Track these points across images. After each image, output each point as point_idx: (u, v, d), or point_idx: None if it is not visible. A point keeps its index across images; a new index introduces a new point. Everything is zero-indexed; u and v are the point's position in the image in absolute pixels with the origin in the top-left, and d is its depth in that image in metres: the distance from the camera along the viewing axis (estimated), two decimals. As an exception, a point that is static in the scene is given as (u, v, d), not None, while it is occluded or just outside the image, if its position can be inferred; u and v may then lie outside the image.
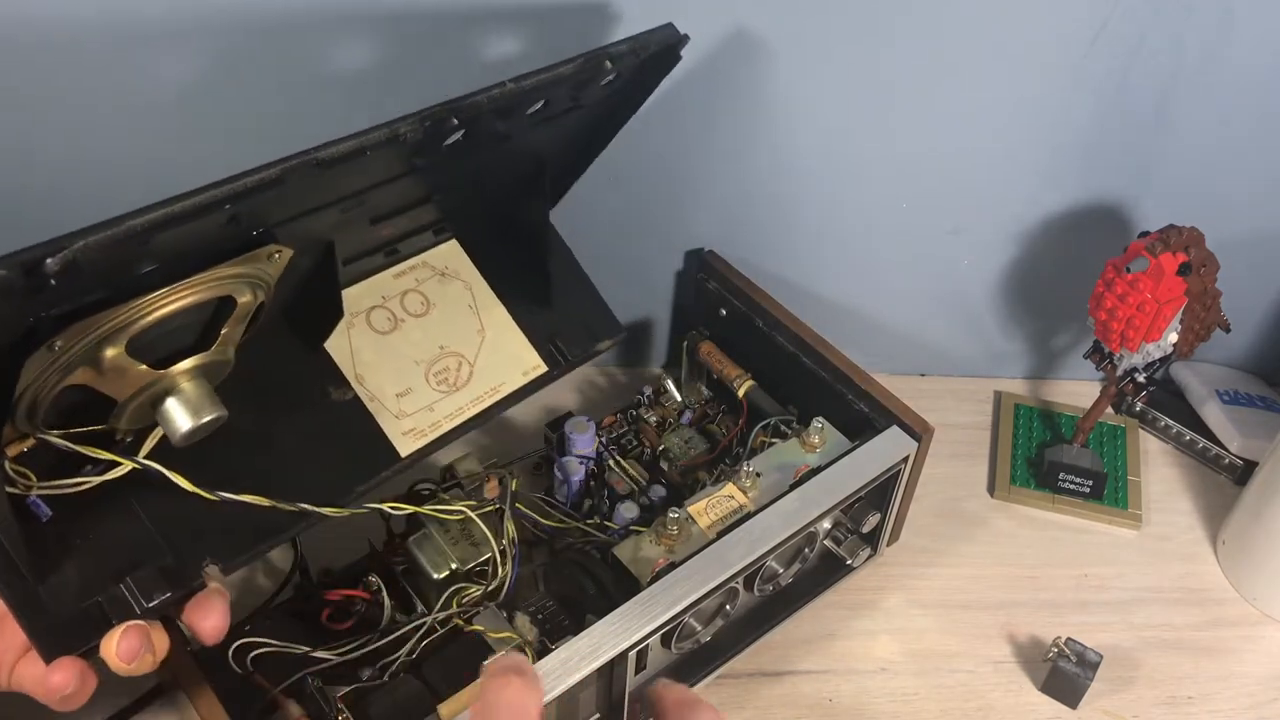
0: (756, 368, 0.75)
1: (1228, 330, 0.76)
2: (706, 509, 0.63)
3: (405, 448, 0.62)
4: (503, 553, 0.61)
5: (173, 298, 0.48)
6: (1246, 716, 0.69)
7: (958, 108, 0.75)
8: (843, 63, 0.72)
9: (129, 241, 0.43)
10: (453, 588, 0.61)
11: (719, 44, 0.71)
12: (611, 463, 0.72)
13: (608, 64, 0.58)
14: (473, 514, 0.61)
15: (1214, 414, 0.85)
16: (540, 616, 0.61)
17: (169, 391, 0.51)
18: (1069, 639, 0.68)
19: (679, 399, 0.78)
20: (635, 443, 0.75)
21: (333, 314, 0.61)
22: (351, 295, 0.64)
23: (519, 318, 0.69)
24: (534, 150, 0.66)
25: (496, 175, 0.66)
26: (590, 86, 0.60)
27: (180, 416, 0.51)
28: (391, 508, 0.61)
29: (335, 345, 0.62)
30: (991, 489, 0.82)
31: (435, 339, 0.66)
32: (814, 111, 0.74)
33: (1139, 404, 0.79)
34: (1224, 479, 0.84)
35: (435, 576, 0.61)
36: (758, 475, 0.65)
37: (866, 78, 0.73)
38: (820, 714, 0.67)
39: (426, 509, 0.61)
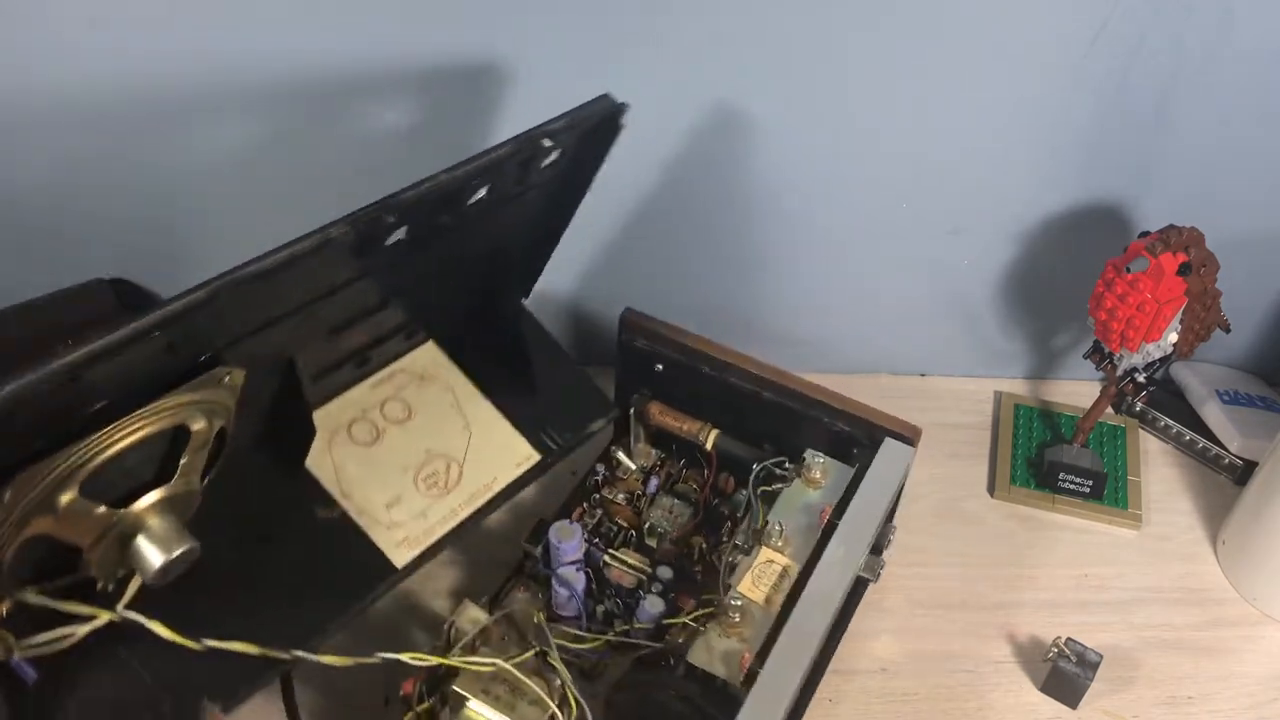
0: (714, 415, 0.71)
1: (1228, 330, 0.76)
2: (754, 583, 0.60)
3: (400, 558, 0.60)
4: (562, 700, 0.55)
5: (122, 434, 0.46)
6: (1246, 716, 0.69)
7: (958, 108, 0.75)
8: (843, 63, 0.72)
9: (58, 383, 0.41)
10: None
11: (718, 46, 0.71)
12: (606, 558, 0.67)
13: (546, 142, 0.57)
14: (506, 664, 0.56)
15: (1214, 414, 0.85)
16: None
17: (134, 531, 0.49)
18: (1069, 639, 0.68)
19: (634, 468, 0.73)
20: (615, 528, 0.70)
21: (305, 434, 0.59)
22: (328, 412, 0.62)
23: (506, 410, 0.67)
24: (493, 238, 0.64)
25: (460, 269, 0.65)
26: (533, 167, 0.59)
27: (149, 555, 0.49)
28: (413, 658, 0.55)
29: (317, 464, 0.61)
30: (991, 489, 0.82)
31: (421, 443, 0.64)
32: (814, 111, 0.74)
33: (1139, 404, 0.79)
34: (1224, 479, 0.84)
35: None
36: (782, 529, 0.62)
37: (867, 78, 0.73)
38: (820, 714, 0.66)
39: (455, 660, 0.56)
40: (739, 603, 0.58)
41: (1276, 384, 0.91)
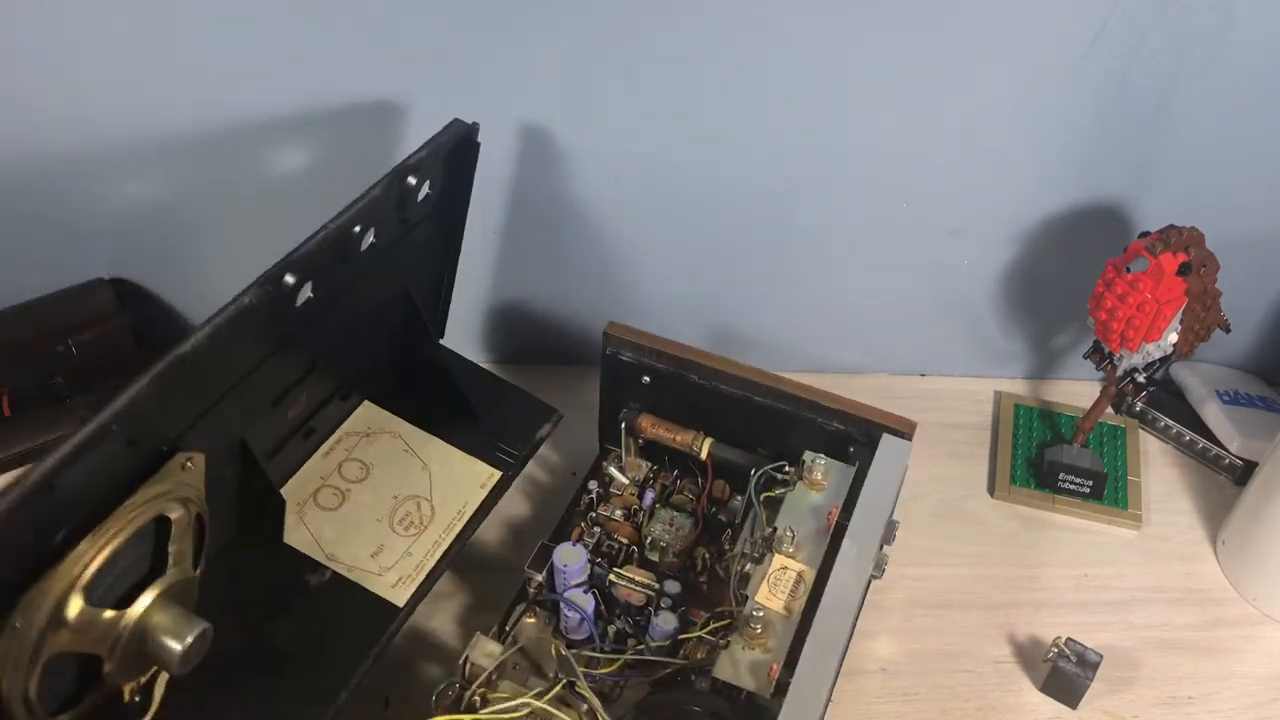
0: (707, 423, 0.70)
1: (1228, 330, 0.76)
2: (771, 591, 0.59)
3: (400, 597, 0.63)
4: None
5: (109, 536, 0.48)
6: (1246, 716, 0.69)
7: (958, 108, 0.75)
8: (843, 63, 0.72)
9: (38, 494, 0.43)
10: None
11: (718, 47, 0.71)
12: (612, 577, 0.65)
13: (412, 180, 0.60)
14: (539, 702, 0.55)
15: (1214, 414, 0.85)
16: None
17: (146, 626, 0.50)
18: (1069, 639, 0.68)
19: (627, 482, 0.72)
20: (617, 546, 0.69)
21: (276, 510, 0.62)
22: (292, 487, 0.66)
23: (456, 441, 0.71)
24: (394, 283, 0.67)
25: (373, 321, 0.67)
26: (409, 204, 0.62)
27: (168, 644, 0.50)
28: None
29: (296, 537, 0.64)
30: (991, 489, 0.82)
31: (387, 492, 0.67)
32: (814, 111, 0.74)
33: (1139, 404, 0.79)
34: (1224, 479, 0.84)
35: None
36: (794, 535, 0.61)
37: (867, 78, 0.73)
38: (820, 714, 0.66)
39: (487, 715, 0.56)
40: (760, 613, 0.57)
41: (1276, 384, 0.91)
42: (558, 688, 0.56)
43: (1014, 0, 0.69)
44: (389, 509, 0.66)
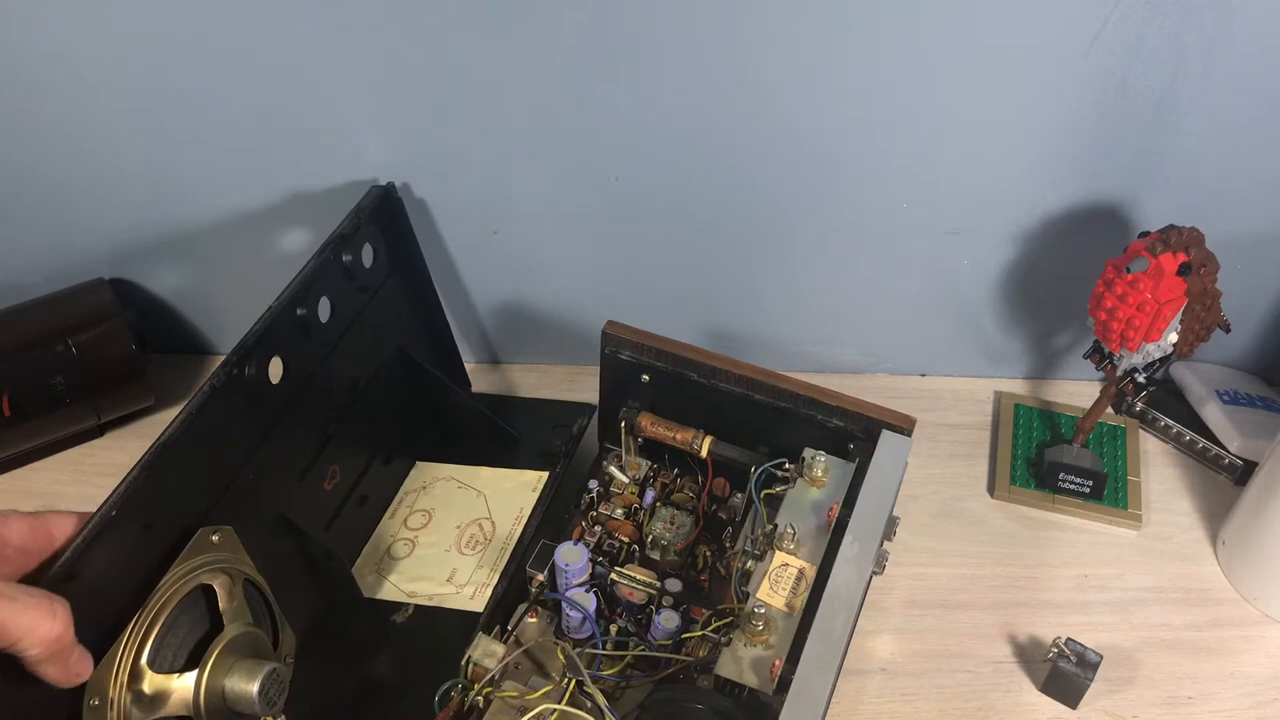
0: (706, 421, 0.70)
1: (1228, 330, 0.76)
2: (772, 588, 0.59)
3: (479, 604, 0.68)
4: None
5: (155, 608, 0.51)
6: (1246, 716, 0.69)
7: (957, 108, 0.74)
8: (843, 63, 0.72)
9: (62, 585, 0.46)
10: None
11: (718, 49, 0.71)
12: (614, 576, 0.66)
13: (346, 255, 0.63)
14: (559, 705, 0.56)
15: (1214, 414, 0.85)
16: None
17: (219, 679, 0.54)
18: (1069, 639, 0.68)
19: (628, 481, 0.72)
20: (618, 545, 0.69)
21: (342, 574, 0.66)
22: (367, 550, 0.71)
23: (503, 463, 0.76)
24: (386, 346, 0.71)
25: (377, 388, 0.71)
26: (357, 270, 0.65)
27: (243, 690, 0.54)
28: None
29: (375, 589, 0.69)
30: (991, 489, 0.82)
31: (450, 525, 0.73)
32: (814, 111, 0.74)
33: (1139, 404, 0.79)
34: (1224, 479, 0.84)
35: None
36: (795, 532, 0.61)
37: (867, 78, 0.73)
38: (820, 714, 0.66)
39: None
40: (762, 610, 0.57)
41: (1276, 384, 0.91)
42: (570, 688, 0.57)
43: (1014, 1, 0.69)
44: (455, 538, 0.72)
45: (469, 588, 0.69)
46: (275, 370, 0.59)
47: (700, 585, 0.67)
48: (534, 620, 0.64)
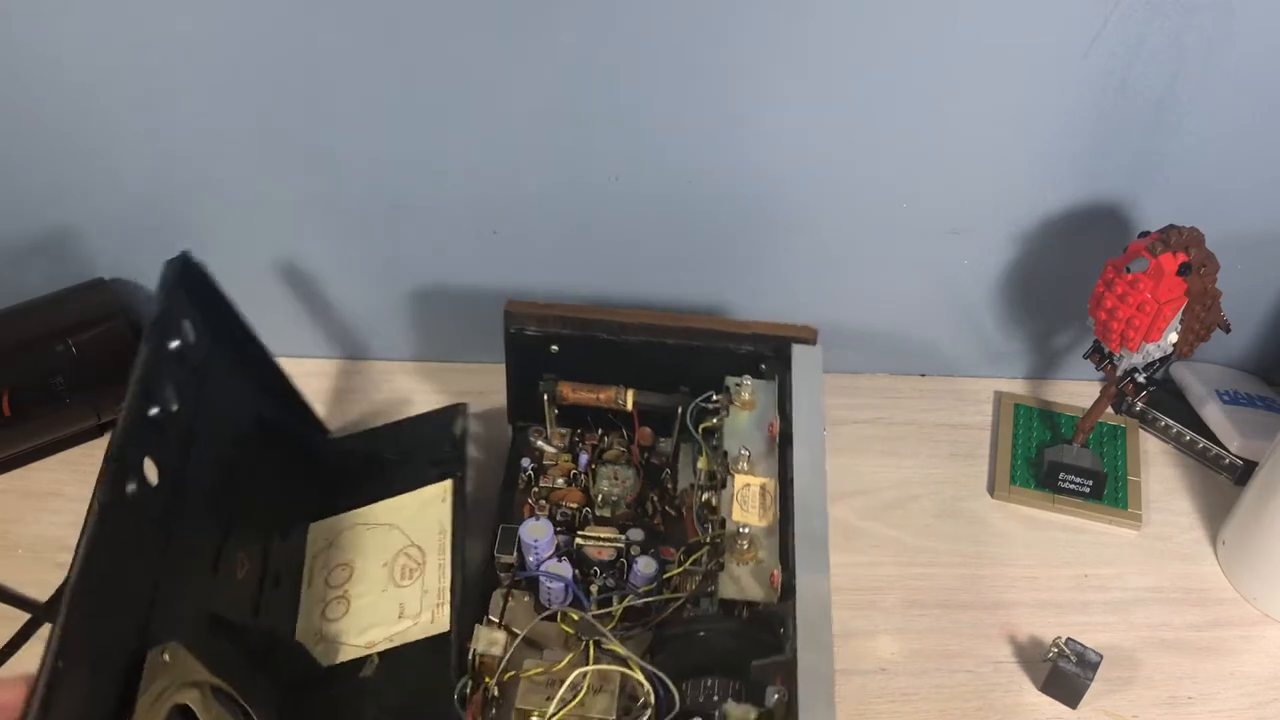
0: (623, 376, 0.72)
1: (1228, 330, 0.76)
2: (743, 509, 0.62)
3: (442, 623, 0.65)
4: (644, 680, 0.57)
5: None
6: (1246, 716, 0.69)
7: (957, 108, 0.74)
8: (843, 63, 0.72)
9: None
10: None
11: (718, 48, 0.71)
12: (579, 540, 0.67)
13: (172, 342, 0.60)
14: (592, 666, 0.57)
15: (1214, 414, 0.85)
16: (729, 692, 0.57)
17: None
18: (1069, 639, 0.68)
19: (557, 450, 0.74)
20: (570, 511, 0.70)
21: (296, 654, 0.64)
22: (302, 625, 0.67)
23: (400, 489, 0.72)
24: (242, 419, 0.68)
25: (251, 462, 0.68)
26: (188, 351, 0.62)
27: None
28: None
29: (330, 653, 0.66)
30: (991, 489, 0.82)
31: (376, 567, 0.69)
32: (814, 111, 0.74)
33: (1139, 404, 0.79)
34: (1224, 479, 0.84)
35: None
36: (746, 453, 0.64)
37: (867, 78, 0.73)
38: (820, 714, 0.66)
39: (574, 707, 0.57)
40: (746, 530, 0.60)
41: (1276, 384, 0.91)
42: (590, 649, 0.58)
43: (1014, 1, 0.69)
44: (385, 577, 0.68)
45: (424, 614, 0.66)
46: (151, 472, 0.56)
47: (657, 530, 0.69)
48: (513, 603, 0.64)
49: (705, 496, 0.66)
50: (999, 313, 0.87)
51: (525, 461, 0.72)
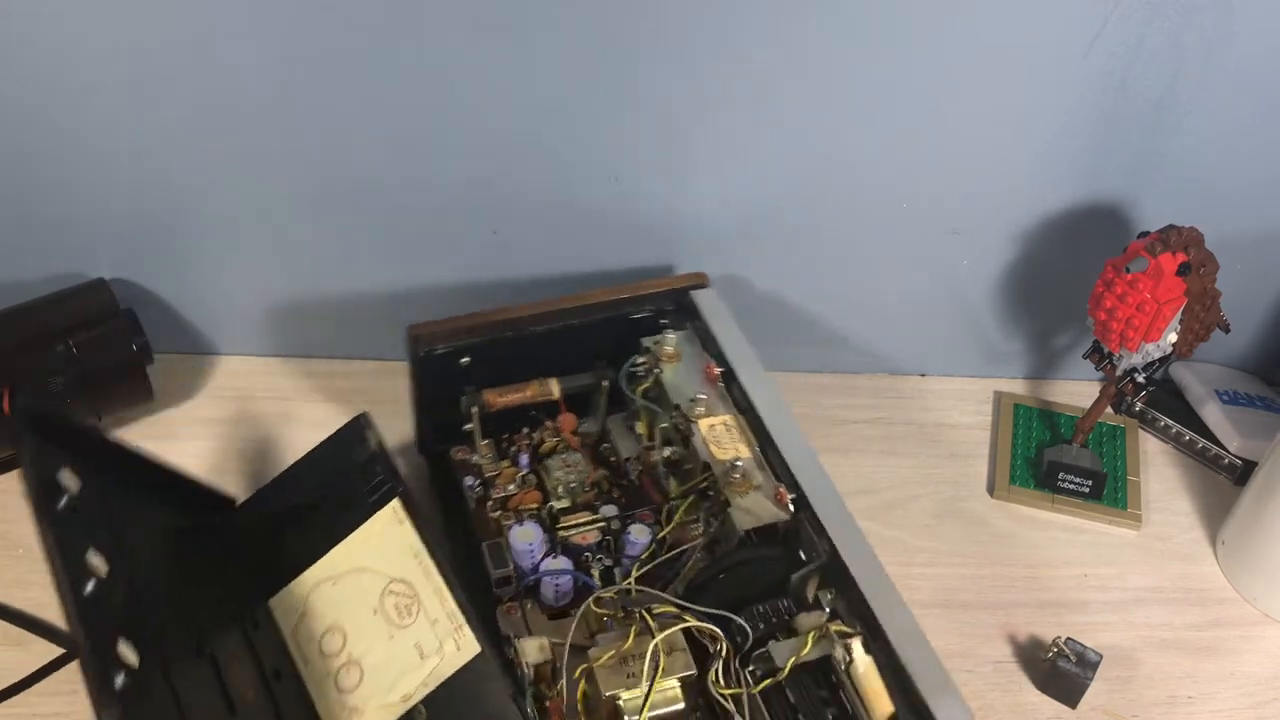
0: (542, 368, 0.71)
1: (1227, 331, 0.76)
2: (721, 448, 0.64)
3: (470, 648, 0.58)
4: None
5: None
6: (1246, 716, 0.69)
7: (957, 108, 0.75)
8: (843, 63, 0.72)
9: None
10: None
11: (718, 47, 0.71)
12: (561, 533, 0.67)
13: (61, 507, 0.56)
14: (654, 636, 0.57)
15: (1213, 414, 0.85)
16: (783, 612, 0.59)
17: None
18: (1069, 639, 0.68)
19: (493, 459, 0.71)
20: (534, 512, 0.68)
21: (300, 692, 0.60)
22: (321, 705, 0.60)
23: (344, 533, 0.64)
24: (160, 531, 0.64)
25: (190, 581, 0.63)
26: (81, 502, 0.58)
27: None
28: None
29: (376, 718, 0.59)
30: (991, 489, 0.82)
31: (365, 618, 0.62)
32: (815, 111, 0.74)
33: (1138, 404, 0.79)
34: (1223, 479, 0.84)
35: None
36: (701, 398, 0.67)
37: (867, 78, 0.73)
38: (820, 714, 0.66)
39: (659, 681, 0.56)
40: (740, 463, 0.63)
41: (1276, 384, 0.91)
42: (648, 619, 0.58)
43: (1014, 1, 0.69)
44: (383, 623, 0.61)
45: (446, 644, 0.59)
46: (129, 652, 0.53)
47: (621, 503, 0.69)
48: (513, 615, 0.63)
49: (667, 453, 0.68)
50: (999, 313, 0.87)
51: (469, 480, 0.70)
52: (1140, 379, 0.78)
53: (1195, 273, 0.71)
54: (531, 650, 0.58)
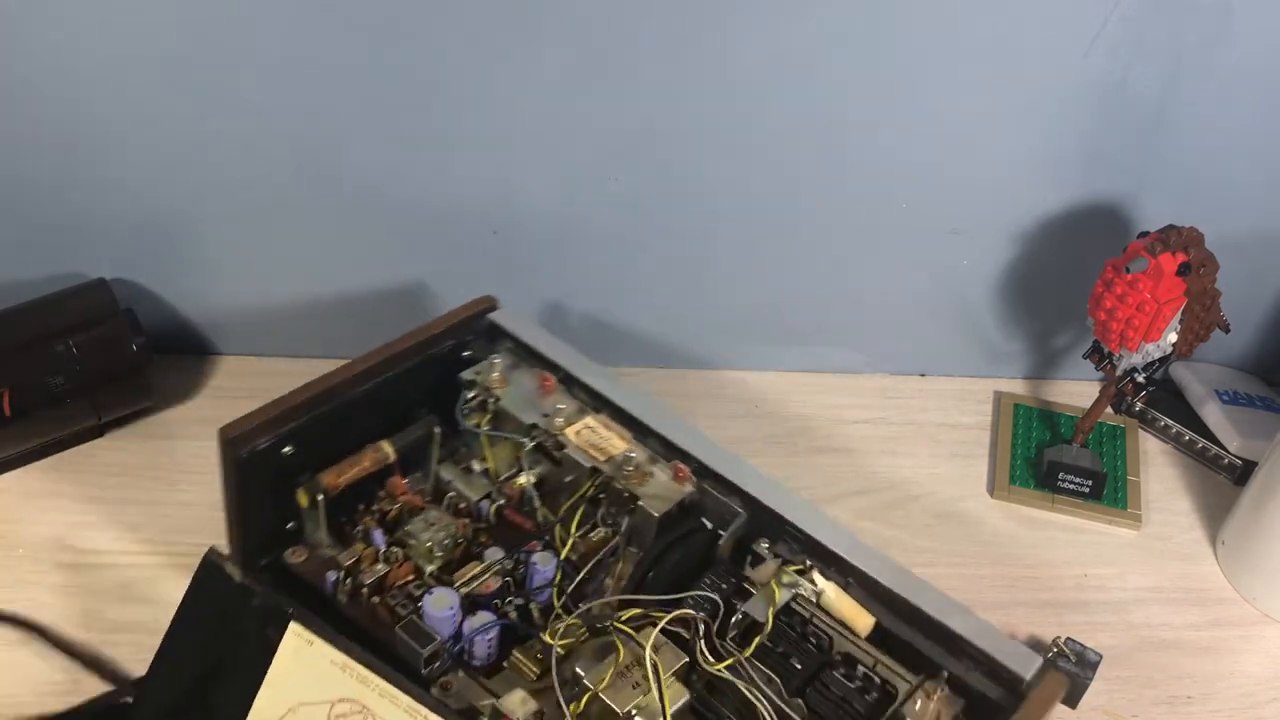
0: (366, 434, 0.65)
1: (1227, 330, 0.76)
2: (599, 449, 0.64)
3: None
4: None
5: None
6: (1246, 716, 0.69)
7: (957, 108, 0.75)
8: (843, 63, 0.72)
9: None
10: None
11: (717, 46, 0.71)
12: (460, 589, 0.60)
13: None
14: (642, 646, 0.55)
15: (1213, 414, 0.85)
16: (729, 576, 0.60)
17: None
18: (1069, 639, 0.68)
19: (344, 548, 0.64)
20: (418, 584, 0.62)
21: None
22: None
23: (253, 681, 0.56)
24: None
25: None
26: None
27: None
28: None
29: None
30: (991, 489, 0.82)
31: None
32: (814, 111, 0.74)
33: (1138, 404, 0.79)
34: (1223, 479, 0.84)
35: None
36: (556, 411, 0.65)
37: (867, 78, 0.73)
38: (820, 714, 0.66)
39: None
40: (632, 455, 0.63)
41: (1276, 384, 0.91)
42: (629, 630, 0.56)
43: (1014, 1, 0.69)
44: None
45: None
46: None
47: (490, 544, 0.64)
48: (452, 685, 0.59)
49: (529, 478, 0.65)
50: (999, 313, 0.87)
51: (330, 575, 0.62)
52: (1140, 379, 0.78)
53: (1195, 273, 0.71)
54: (515, 706, 0.55)
